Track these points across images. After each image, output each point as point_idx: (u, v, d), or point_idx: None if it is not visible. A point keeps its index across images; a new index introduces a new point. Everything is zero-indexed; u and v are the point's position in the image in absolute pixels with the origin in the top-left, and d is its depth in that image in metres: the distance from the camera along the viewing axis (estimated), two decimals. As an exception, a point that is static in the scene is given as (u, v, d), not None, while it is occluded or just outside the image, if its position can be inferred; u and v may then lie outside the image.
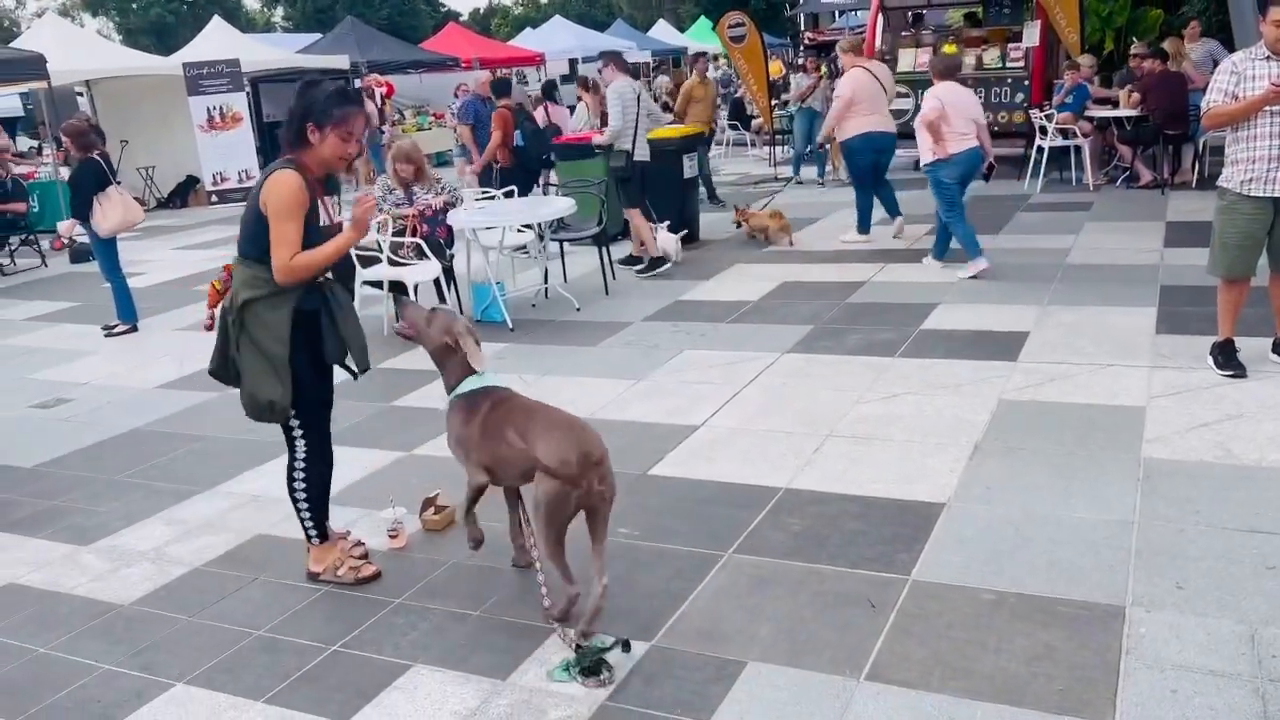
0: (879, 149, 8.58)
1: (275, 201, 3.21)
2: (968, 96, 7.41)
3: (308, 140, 3.26)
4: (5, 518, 4.51)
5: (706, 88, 11.88)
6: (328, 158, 3.30)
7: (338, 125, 3.24)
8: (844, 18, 31.37)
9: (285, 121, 3.32)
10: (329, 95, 3.26)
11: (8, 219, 11.44)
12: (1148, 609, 3.02)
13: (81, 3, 52.36)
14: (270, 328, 3.31)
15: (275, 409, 3.37)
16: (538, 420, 3.14)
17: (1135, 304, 6.15)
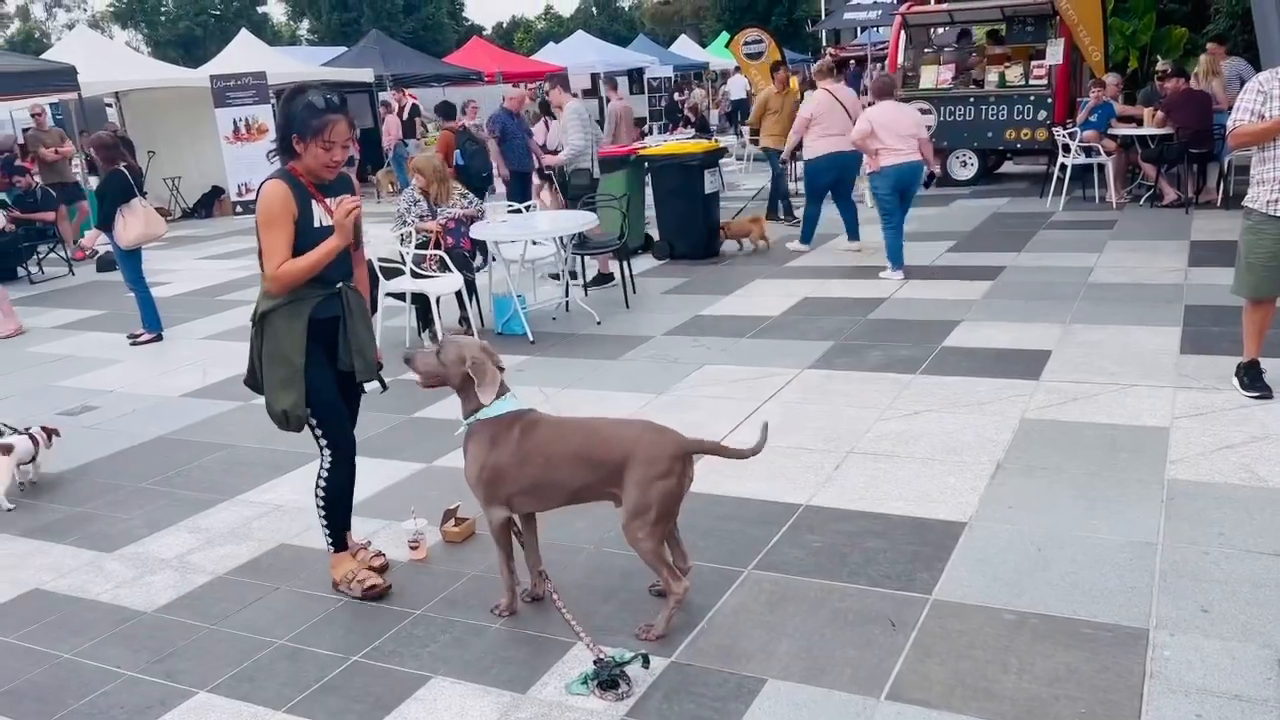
0: (841, 167, 9.12)
1: (259, 212, 3.30)
2: (902, 114, 7.99)
3: (294, 151, 3.31)
4: (31, 523, 4.56)
5: (785, 99, 11.08)
6: (314, 167, 3.33)
7: (317, 135, 3.26)
8: (866, 34, 31.40)
9: (275, 129, 3.39)
10: (306, 106, 3.26)
11: (37, 228, 11.60)
12: (1172, 632, 2.99)
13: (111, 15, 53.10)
14: (286, 338, 3.37)
15: (290, 419, 3.41)
16: (605, 430, 3.13)
17: (1159, 323, 6.11)
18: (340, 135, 3.30)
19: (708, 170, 9.28)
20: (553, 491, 3.17)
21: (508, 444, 3.15)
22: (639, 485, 3.03)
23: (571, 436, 3.14)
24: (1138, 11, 14.24)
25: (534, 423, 3.20)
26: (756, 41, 13.70)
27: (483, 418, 3.21)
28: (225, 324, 8.33)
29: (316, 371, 3.42)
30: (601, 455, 3.08)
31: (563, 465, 3.12)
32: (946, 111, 12.56)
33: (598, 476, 3.09)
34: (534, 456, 3.13)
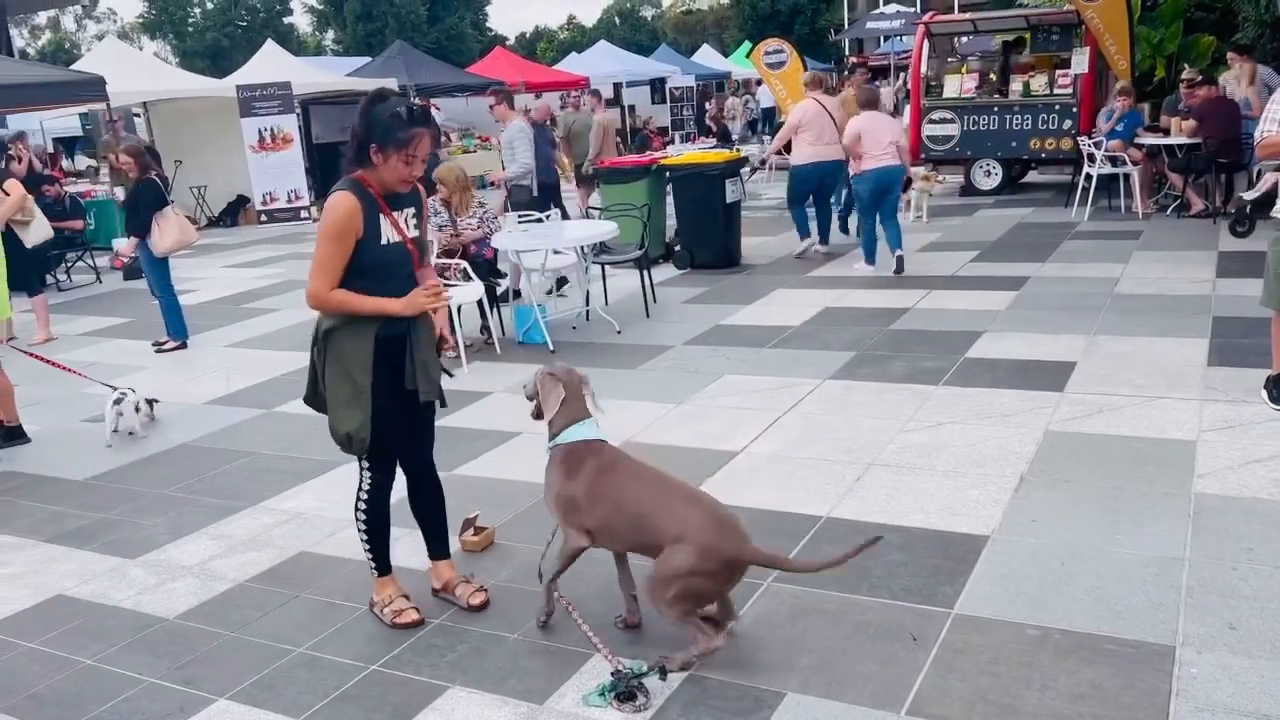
0: (825, 173, 9.58)
1: (323, 223, 3.14)
2: (885, 123, 8.69)
3: (370, 160, 3.14)
4: (57, 529, 4.61)
5: (844, 109, 10.01)
6: (389, 180, 3.16)
7: (401, 147, 3.09)
8: (889, 43, 31.36)
9: (350, 137, 3.19)
10: (393, 115, 3.09)
11: (65, 236, 11.74)
12: (1199, 649, 2.94)
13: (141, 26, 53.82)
14: (351, 357, 3.21)
15: (353, 441, 3.26)
16: (673, 502, 3.02)
17: (1186, 335, 6.04)
18: (424, 150, 3.14)
19: (729, 180, 9.28)
20: (618, 538, 3.14)
21: (581, 475, 3.11)
22: (678, 569, 2.91)
23: (641, 492, 3.06)
24: (1165, 20, 14.11)
25: (611, 464, 3.13)
26: (778, 51, 13.70)
27: (560, 442, 3.19)
28: (249, 332, 8.40)
29: (379, 393, 3.26)
30: (659, 524, 2.99)
31: (626, 517, 3.06)
32: (970, 121, 12.50)
33: (651, 543, 3.02)
34: (605, 498, 3.08)
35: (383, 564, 3.56)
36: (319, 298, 3.15)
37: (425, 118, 3.20)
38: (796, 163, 9.51)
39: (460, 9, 47.99)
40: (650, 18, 65.89)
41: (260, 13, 51.90)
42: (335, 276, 3.14)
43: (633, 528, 3.06)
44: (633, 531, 3.07)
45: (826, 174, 9.56)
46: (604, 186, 9.90)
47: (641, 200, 8.93)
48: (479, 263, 7.08)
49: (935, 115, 12.65)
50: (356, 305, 3.16)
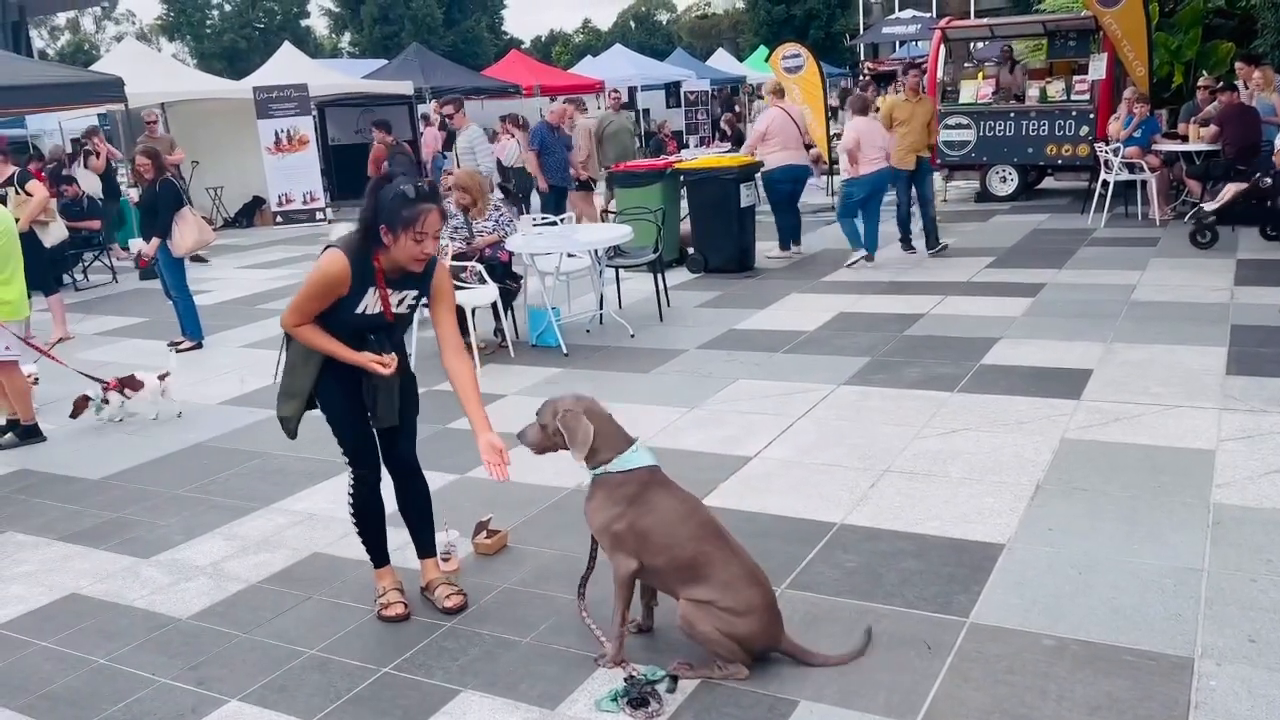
0: (795, 179, 10.03)
1: (314, 270, 3.26)
2: (878, 128, 9.29)
3: (381, 241, 3.20)
4: (71, 528, 4.62)
5: (916, 107, 9.48)
6: (401, 259, 3.22)
7: (409, 226, 3.14)
8: (905, 48, 31.30)
9: (359, 216, 3.25)
10: (397, 196, 3.14)
11: (83, 236, 11.81)
12: (1218, 661, 2.91)
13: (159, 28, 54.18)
14: (304, 363, 3.39)
15: (283, 425, 3.47)
16: (717, 560, 2.99)
17: (1204, 343, 5.99)
18: (433, 226, 3.18)
19: (743, 184, 9.26)
20: (657, 578, 3.10)
21: (627, 516, 3.02)
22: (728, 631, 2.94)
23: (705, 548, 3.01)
24: (1183, 26, 14.02)
25: (653, 506, 3.03)
26: (795, 56, 13.67)
27: (612, 470, 3.07)
28: (264, 332, 8.42)
29: (336, 388, 3.38)
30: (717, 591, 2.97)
31: (679, 564, 3.01)
32: (986, 127, 12.46)
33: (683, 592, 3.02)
34: (655, 535, 3.01)
35: (377, 556, 3.62)
36: (289, 328, 3.35)
37: (432, 194, 3.22)
38: (769, 168, 9.86)
39: (476, 12, 48.13)
40: (665, 21, 65.92)
41: (277, 15, 52.17)
42: (309, 318, 3.30)
43: (679, 574, 3.02)
44: (677, 576, 3.02)
45: (797, 179, 10.05)
46: (619, 190, 9.89)
47: (656, 204, 8.92)
48: (494, 265, 7.09)
49: (951, 121, 12.61)
50: (318, 343, 3.31)
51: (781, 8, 43.09)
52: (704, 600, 2.96)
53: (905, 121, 9.40)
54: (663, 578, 3.07)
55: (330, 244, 3.30)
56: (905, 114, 9.45)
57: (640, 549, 3.02)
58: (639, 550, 3.02)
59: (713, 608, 2.95)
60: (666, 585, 3.08)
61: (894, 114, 9.49)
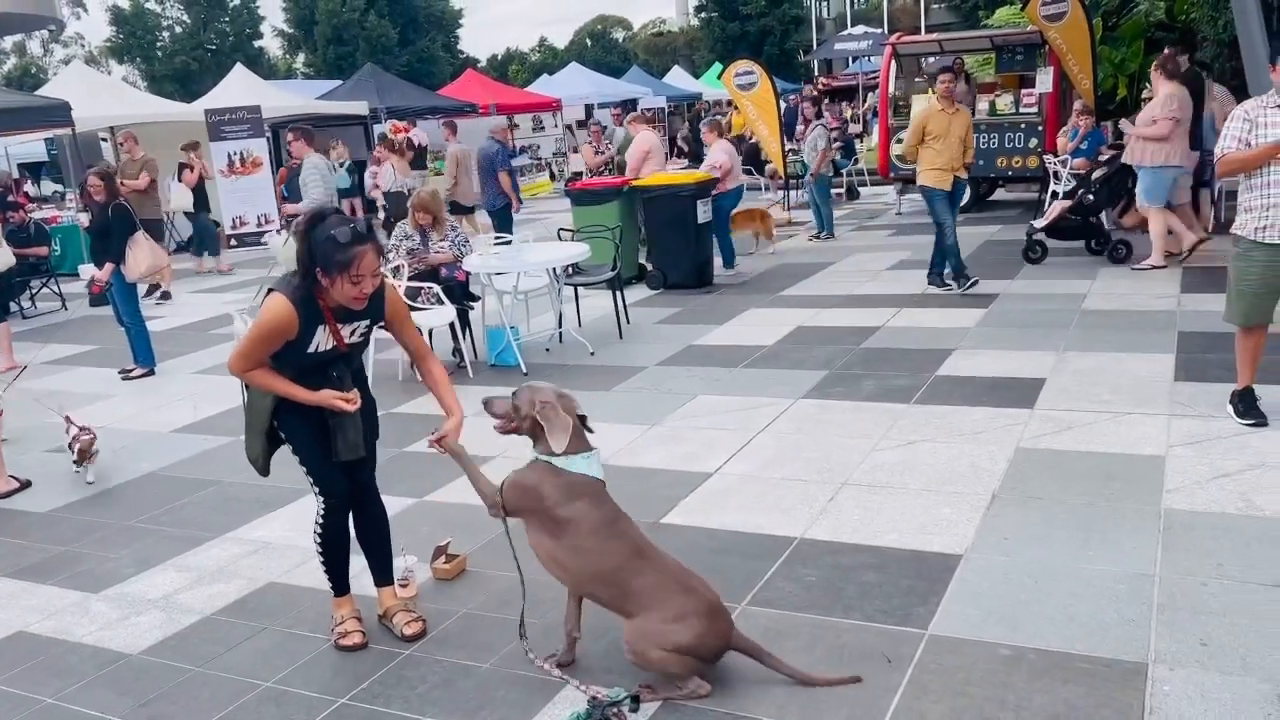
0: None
1: (259, 317, 3.21)
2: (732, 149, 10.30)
3: (318, 282, 3.17)
4: (17, 564, 4.51)
5: (954, 119, 8.07)
6: (341, 300, 3.20)
7: (344, 270, 3.10)
8: (857, 63, 31.69)
9: (296, 259, 3.21)
10: (328, 240, 3.09)
11: (30, 263, 11.58)
12: (1171, 666, 2.95)
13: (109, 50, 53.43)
14: (258, 396, 3.36)
15: (255, 464, 3.47)
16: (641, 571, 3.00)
17: (1153, 350, 6.10)
18: (369, 267, 3.13)
19: (700, 200, 9.31)
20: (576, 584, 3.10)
21: (556, 492, 3.03)
22: (675, 645, 2.93)
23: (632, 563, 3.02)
24: (1126, 39, 14.35)
25: (577, 508, 3.03)
26: (748, 73, 13.77)
27: (554, 462, 3.07)
28: (218, 358, 8.29)
29: (298, 416, 3.34)
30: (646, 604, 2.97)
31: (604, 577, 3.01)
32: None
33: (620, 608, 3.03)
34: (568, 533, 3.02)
35: (339, 585, 3.58)
36: (238, 374, 3.30)
37: (366, 235, 3.17)
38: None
39: (431, 32, 48.03)
40: (621, 39, 66.26)
41: (230, 36, 51.64)
42: (256, 364, 3.26)
43: (604, 587, 3.03)
44: (604, 590, 3.03)
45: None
46: (576, 208, 9.90)
47: (613, 222, 8.93)
48: (451, 285, 7.05)
49: (903, 135, 12.76)
50: (272, 385, 3.28)
51: (735, 24, 43.54)
52: (636, 625, 2.96)
53: (940, 135, 8.03)
54: (579, 584, 3.08)
55: (272, 288, 3.24)
56: (941, 126, 8.03)
57: (550, 530, 3.04)
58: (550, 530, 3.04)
59: (646, 629, 2.94)
60: (595, 597, 3.08)
61: (928, 126, 8.06)
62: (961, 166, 8.23)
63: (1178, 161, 8.41)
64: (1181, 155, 8.44)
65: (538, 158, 22.55)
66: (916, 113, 8.61)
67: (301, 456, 3.41)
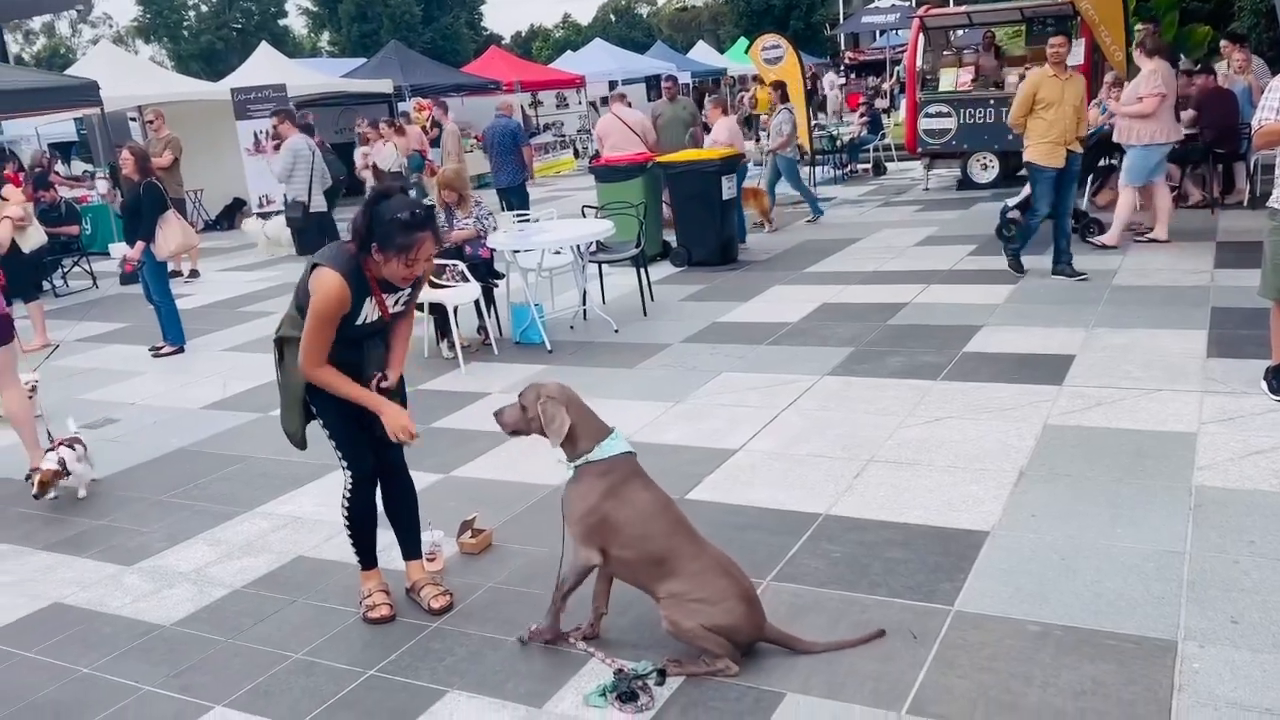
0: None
1: (315, 302, 3.18)
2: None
3: (372, 257, 3.18)
4: (52, 537, 4.59)
5: (1067, 85, 7.37)
6: (388, 276, 3.23)
7: (402, 252, 3.13)
8: (885, 37, 31.33)
9: (353, 224, 3.21)
10: (394, 220, 3.10)
11: (62, 242, 11.72)
12: (1201, 644, 2.93)
13: (135, 30, 53.74)
14: (295, 376, 3.34)
15: (292, 439, 3.49)
16: (686, 553, 3.01)
17: (1185, 326, 6.02)
18: (427, 252, 3.18)
19: (725, 177, 9.25)
20: (627, 569, 3.09)
21: (606, 499, 3.04)
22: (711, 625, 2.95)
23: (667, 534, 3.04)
24: (1160, 10, 14.08)
25: (629, 499, 3.05)
26: (774, 46, 13.65)
27: (593, 459, 3.07)
28: (246, 336, 8.38)
29: (333, 399, 3.34)
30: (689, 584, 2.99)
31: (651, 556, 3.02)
32: (966, 114, 12.46)
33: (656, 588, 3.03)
34: (629, 528, 3.03)
35: (366, 559, 3.61)
36: (310, 375, 3.27)
37: (428, 220, 3.19)
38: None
39: (455, 8, 47.92)
40: (646, 15, 65.81)
41: (255, 15, 51.84)
42: (326, 354, 3.25)
43: (649, 567, 3.03)
44: (647, 570, 3.04)
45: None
46: (600, 185, 9.87)
47: (638, 198, 8.90)
48: (476, 263, 7.06)
49: (931, 109, 12.62)
50: (342, 389, 3.29)
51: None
52: (676, 593, 2.98)
53: (1053, 104, 7.28)
54: (633, 570, 3.07)
55: (317, 262, 3.21)
56: (1053, 93, 7.30)
57: (611, 541, 3.04)
58: (609, 542, 3.04)
59: (687, 601, 2.96)
60: (637, 579, 3.09)
61: (1039, 94, 7.35)
62: (1075, 139, 7.45)
63: (1165, 138, 8.26)
64: (1169, 132, 8.31)
65: (561, 135, 22.48)
66: (1026, 81, 7.70)
67: (331, 431, 3.43)
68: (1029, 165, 7.59)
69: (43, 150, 17.63)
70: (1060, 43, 7.47)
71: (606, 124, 11.06)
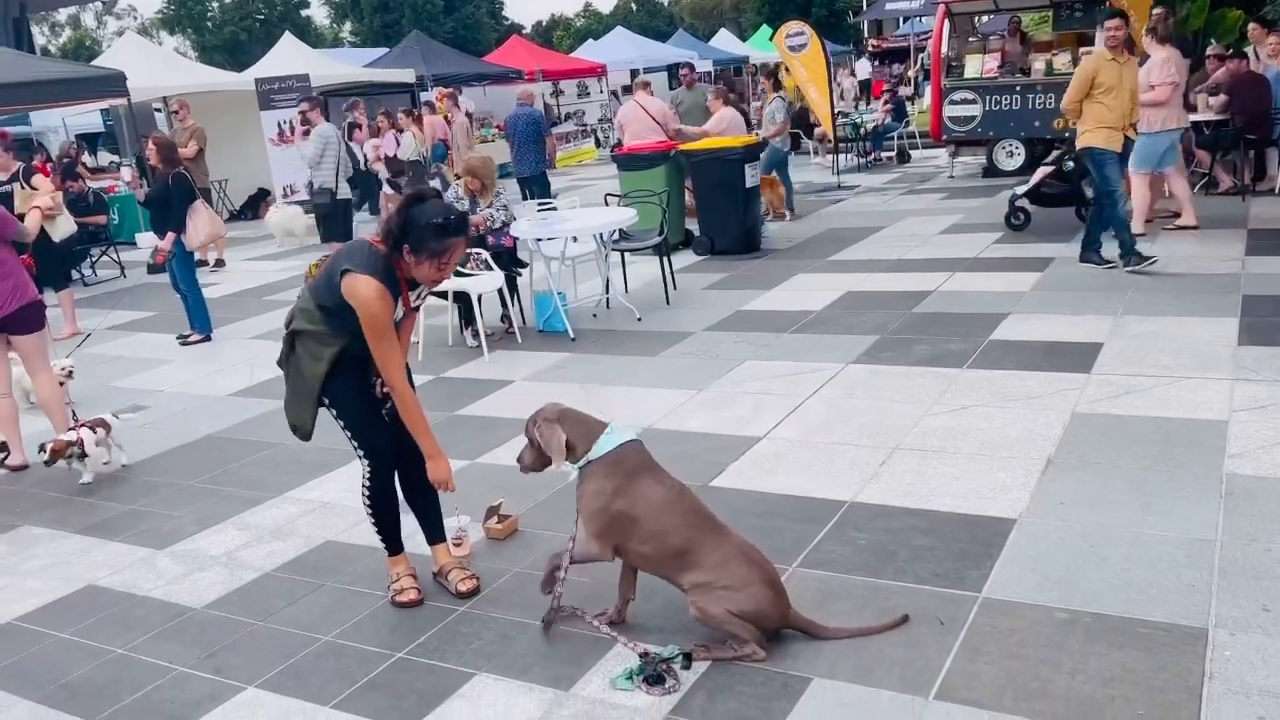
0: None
1: (367, 319, 3.19)
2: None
3: (403, 258, 3.21)
4: (86, 521, 4.65)
5: (1124, 68, 7.12)
6: (416, 277, 3.28)
7: (435, 257, 3.18)
8: (908, 24, 31.08)
9: (386, 224, 3.24)
10: (429, 225, 3.14)
11: (90, 231, 11.85)
12: (1232, 631, 2.90)
13: (160, 22, 54.12)
14: (311, 362, 3.37)
15: (297, 431, 3.50)
16: (706, 543, 3.01)
17: (1215, 314, 5.95)
18: (458, 257, 3.26)
19: (748, 164, 9.22)
20: (647, 563, 3.11)
21: (618, 496, 3.05)
22: (738, 610, 2.95)
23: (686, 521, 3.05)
24: (1190, -6, 13.87)
25: (641, 495, 3.05)
26: (799, 34, 13.57)
27: (593, 458, 3.10)
28: (272, 324, 8.44)
29: (345, 382, 3.39)
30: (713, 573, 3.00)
31: (671, 550, 3.04)
32: (992, 101, 12.35)
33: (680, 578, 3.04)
34: (644, 523, 3.04)
35: (392, 544, 3.63)
36: (408, 392, 3.35)
37: (462, 225, 3.24)
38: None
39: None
40: (667, 3, 65.55)
41: (278, 6, 52.05)
42: (403, 360, 3.35)
43: (669, 559, 3.05)
44: (668, 562, 3.05)
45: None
46: (623, 173, 9.87)
47: (660, 186, 8.89)
48: (499, 252, 7.08)
49: (956, 96, 12.52)
50: (420, 415, 3.39)
51: (784, -14, 42.76)
52: (700, 583, 2.98)
53: (1112, 88, 7.07)
54: (655, 563, 3.09)
55: (347, 268, 3.19)
56: (1112, 77, 7.06)
57: (628, 537, 3.06)
58: (626, 538, 3.07)
59: (713, 589, 2.96)
60: (661, 571, 3.09)
61: (1097, 77, 7.08)
62: (1130, 125, 7.28)
63: (1174, 125, 8.15)
64: (1178, 119, 8.21)
65: (583, 124, 22.47)
66: (1084, 64, 7.41)
67: (346, 421, 3.46)
68: (1089, 151, 7.29)
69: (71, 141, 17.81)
70: (1117, 25, 7.15)
71: (628, 111, 11.07)
